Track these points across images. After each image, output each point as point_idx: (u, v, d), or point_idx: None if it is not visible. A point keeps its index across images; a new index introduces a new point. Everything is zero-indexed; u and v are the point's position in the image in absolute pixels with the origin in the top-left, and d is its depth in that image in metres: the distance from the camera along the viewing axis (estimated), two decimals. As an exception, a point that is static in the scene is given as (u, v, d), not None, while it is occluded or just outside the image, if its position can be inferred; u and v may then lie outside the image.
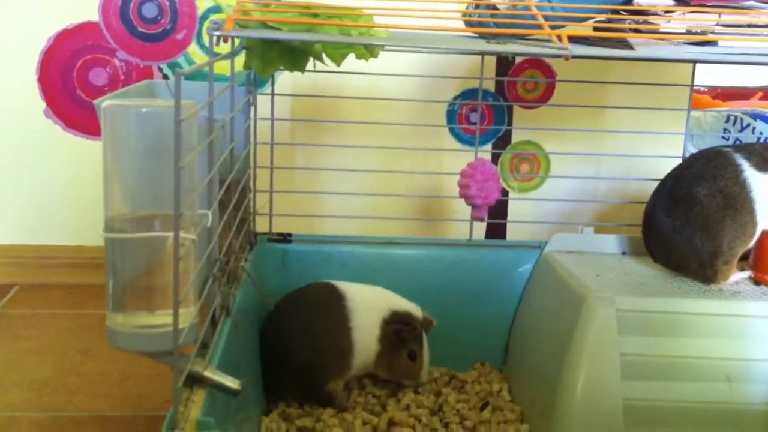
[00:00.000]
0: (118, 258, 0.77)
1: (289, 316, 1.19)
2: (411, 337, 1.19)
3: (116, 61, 1.64)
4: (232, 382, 0.82)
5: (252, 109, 1.27)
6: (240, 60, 1.09)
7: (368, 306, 1.19)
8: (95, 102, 0.95)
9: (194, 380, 0.80)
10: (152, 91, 1.31)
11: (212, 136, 0.87)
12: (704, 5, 1.14)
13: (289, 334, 1.17)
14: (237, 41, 1.04)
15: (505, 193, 1.76)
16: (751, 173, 1.14)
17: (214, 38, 0.89)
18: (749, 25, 1.13)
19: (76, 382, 1.28)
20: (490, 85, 1.72)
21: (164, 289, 0.76)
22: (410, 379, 1.22)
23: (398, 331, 1.18)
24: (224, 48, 0.96)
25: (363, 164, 1.33)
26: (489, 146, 1.75)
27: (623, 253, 1.31)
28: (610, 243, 1.31)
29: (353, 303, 1.18)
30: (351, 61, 1.10)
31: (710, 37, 1.10)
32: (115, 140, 0.76)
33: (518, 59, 1.71)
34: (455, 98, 1.72)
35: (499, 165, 1.76)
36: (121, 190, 0.77)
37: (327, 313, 1.18)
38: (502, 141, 1.75)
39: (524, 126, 1.74)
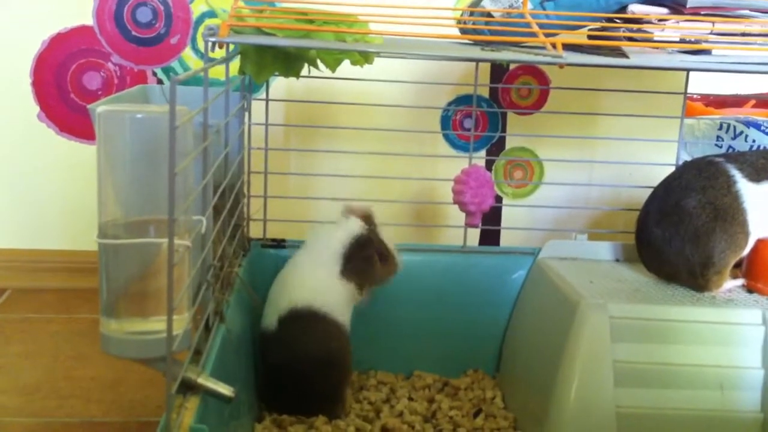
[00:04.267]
0: (112, 263, 0.76)
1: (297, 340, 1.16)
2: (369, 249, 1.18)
3: (110, 65, 1.64)
4: (225, 389, 0.82)
5: (246, 114, 1.27)
6: (235, 65, 1.09)
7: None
8: (90, 107, 0.95)
9: (187, 387, 0.80)
10: (146, 96, 1.31)
11: (207, 141, 0.87)
12: (698, 14, 1.15)
13: (303, 359, 1.15)
14: (232, 46, 1.04)
15: (498, 199, 1.76)
16: (743, 184, 1.13)
17: (210, 44, 0.89)
18: (743, 34, 1.13)
19: (68, 387, 1.27)
20: (484, 92, 1.72)
21: (158, 295, 0.75)
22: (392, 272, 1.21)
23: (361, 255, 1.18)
24: (219, 53, 0.95)
25: (357, 170, 1.33)
26: (483, 152, 1.75)
27: (617, 260, 1.31)
28: (604, 250, 1.31)
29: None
30: (345, 67, 1.10)
31: (704, 45, 1.10)
32: (110, 145, 0.75)
33: (512, 66, 1.71)
34: (449, 104, 1.72)
35: (492, 171, 1.76)
36: (115, 195, 0.77)
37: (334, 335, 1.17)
38: (496, 147, 1.76)
39: (518, 132, 1.74)
